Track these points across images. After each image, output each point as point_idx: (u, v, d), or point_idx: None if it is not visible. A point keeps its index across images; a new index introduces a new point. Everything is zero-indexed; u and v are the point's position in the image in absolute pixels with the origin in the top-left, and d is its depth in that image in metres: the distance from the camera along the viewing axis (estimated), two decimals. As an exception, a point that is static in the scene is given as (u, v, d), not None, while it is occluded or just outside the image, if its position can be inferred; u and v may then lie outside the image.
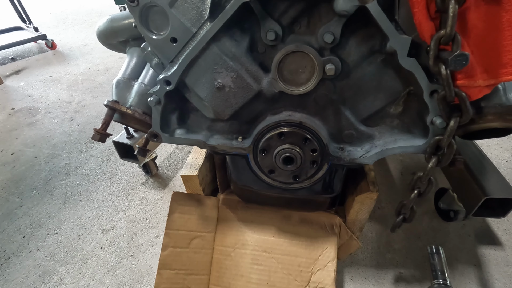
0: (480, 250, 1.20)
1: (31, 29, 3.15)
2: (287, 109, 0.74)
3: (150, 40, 0.67)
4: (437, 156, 0.67)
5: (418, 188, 0.74)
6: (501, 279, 1.10)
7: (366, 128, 0.74)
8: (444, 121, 0.62)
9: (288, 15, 0.64)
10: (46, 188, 1.56)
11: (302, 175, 0.78)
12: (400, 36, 0.57)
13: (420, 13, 0.55)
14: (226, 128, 0.79)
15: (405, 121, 0.72)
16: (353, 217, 1.01)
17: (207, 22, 0.63)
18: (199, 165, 1.03)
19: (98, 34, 0.90)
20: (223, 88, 0.70)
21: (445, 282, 0.73)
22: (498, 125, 0.67)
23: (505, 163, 1.61)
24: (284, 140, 0.73)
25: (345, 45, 0.65)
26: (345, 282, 1.12)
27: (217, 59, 0.67)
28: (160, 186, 1.56)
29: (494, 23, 0.54)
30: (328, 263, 0.95)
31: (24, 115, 2.16)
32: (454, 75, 0.58)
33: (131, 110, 0.79)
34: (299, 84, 0.68)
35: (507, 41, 0.55)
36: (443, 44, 0.55)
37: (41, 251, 1.27)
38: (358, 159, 0.73)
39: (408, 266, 1.15)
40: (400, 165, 1.62)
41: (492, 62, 0.57)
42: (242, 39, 0.67)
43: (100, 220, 1.39)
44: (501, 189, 1.03)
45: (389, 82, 0.67)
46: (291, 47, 0.63)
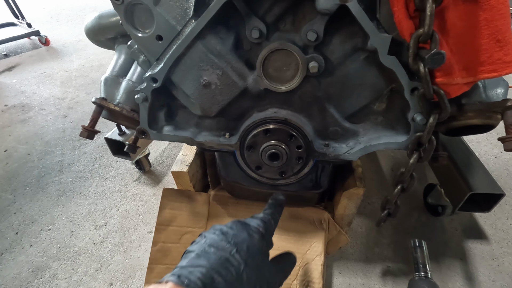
0: (467, 244, 1.23)
1: (24, 25, 3.12)
2: (273, 106, 0.75)
3: (136, 38, 0.68)
4: (418, 152, 0.68)
5: (402, 183, 0.75)
6: (485, 272, 1.13)
7: (351, 124, 0.75)
8: (424, 117, 0.63)
9: (272, 13, 0.64)
10: (39, 185, 1.56)
11: (288, 171, 0.79)
12: (380, 35, 0.58)
13: (399, 11, 0.56)
14: (214, 125, 0.80)
15: (388, 118, 0.74)
16: (341, 212, 1.03)
17: (192, 20, 0.64)
18: (189, 162, 1.04)
19: (86, 31, 0.90)
20: (209, 85, 0.71)
21: (426, 275, 0.75)
22: (478, 121, 0.69)
23: (494, 159, 1.63)
24: (270, 137, 0.74)
25: (329, 43, 0.66)
26: (334, 275, 1.14)
27: (203, 57, 0.68)
28: (153, 183, 1.57)
29: (472, 22, 0.55)
30: (316, 257, 0.97)
31: (17, 112, 2.16)
32: (433, 73, 0.60)
33: (119, 107, 0.80)
34: (284, 82, 0.69)
35: (484, 40, 0.56)
36: (422, 42, 0.56)
37: (34, 247, 1.28)
38: (343, 155, 0.75)
39: (396, 260, 1.18)
40: (391, 161, 1.64)
41: (470, 60, 0.58)
42: (227, 37, 0.67)
43: (93, 217, 1.40)
44: (486, 184, 1.05)
45: (372, 79, 0.68)
46: (274, 45, 0.64)
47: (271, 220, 0.63)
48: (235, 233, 0.54)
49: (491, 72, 0.57)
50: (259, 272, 0.52)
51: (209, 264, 0.46)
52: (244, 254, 0.51)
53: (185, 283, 0.42)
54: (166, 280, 0.44)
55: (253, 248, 0.53)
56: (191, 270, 0.45)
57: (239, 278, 0.48)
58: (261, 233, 0.58)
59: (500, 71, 0.57)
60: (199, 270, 0.45)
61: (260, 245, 0.55)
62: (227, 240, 0.52)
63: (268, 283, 0.53)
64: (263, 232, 0.58)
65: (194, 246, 0.53)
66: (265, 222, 0.61)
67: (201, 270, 0.45)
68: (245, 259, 0.50)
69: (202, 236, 0.55)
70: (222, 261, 0.48)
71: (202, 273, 0.45)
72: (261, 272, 0.52)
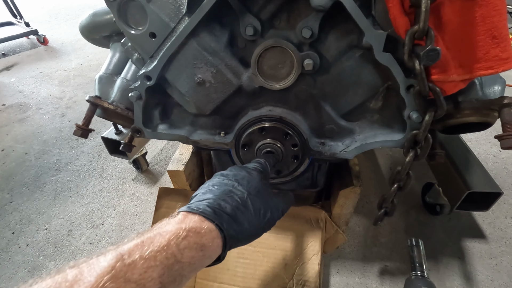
0: (465, 243, 1.22)
1: (22, 24, 3.11)
2: (268, 104, 0.74)
3: (129, 35, 0.67)
4: (414, 150, 0.68)
5: (398, 182, 0.75)
6: (484, 271, 1.12)
7: (347, 123, 0.75)
8: (420, 115, 0.63)
9: (267, 10, 0.63)
10: (36, 184, 1.56)
11: (284, 170, 0.79)
12: (375, 31, 0.57)
13: (394, 8, 0.55)
14: (209, 123, 0.80)
15: (385, 115, 0.73)
16: (338, 211, 1.02)
17: (185, 17, 0.63)
18: (186, 161, 1.03)
19: (81, 29, 0.90)
20: (203, 83, 0.71)
21: (422, 274, 0.75)
22: (475, 119, 0.68)
23: (493, 157, 1.63)
24: (265, 135, 0.73)
25: (324, 40, 0.65)
26: (331, 275, 1.13)
27: (197, 54, 0.67)
28: (150, 182, 1.56)
29: (468, 18, 0.55)
30: (313, 257, 0.96)
31: (15, 111, 2.15)
32: (429, 70, 0.59)
33: (113, 105, 0.79)
34: (279, 79, 0.68)
35: (480, 36, 0.55)
36: (417, 39, 0.55)
37: (31, 246, 1.27)
38: (339, 154, 0.74)
39: (393, 259, 1.17)
40: (389, 160, 1.64)
41: (466, 57, 0.58)
42: (222, 34, 0.67)
43: (90, 216, 1.39)
44: (483, 183, 1.04)
45: (368, 77, 0.67)
46: (269, 42, 0.63)
47: (265, 163, 0.66)
48: (235, 172, 0.57)
49: (488, 69, 0.57)
50: (262, 200, 0.55)
51: (214, 196, 0.50)
52: (246, 185, 0.54)
53: (195, 210, 0.45)
54: (177, 212, 0.46)
55: (253, 181, 0.56)
56: (199, 202, 0.48)
57: (244, 204, 0.51)
58: (259, 170, 0.61)
59: (496, 68, 0.56)
60: (206, 201, 0.49)
61: (260, 179, 0.58)
62: (228, 178, 0.55)
63: (271, 209, 0.56)
64: (260, 169, 0.62)
65: (198, 191, 0.55)
66: (261, 163, 0.64)
67: (208, 200, 0.49)
68: (248, 189, 0.54)
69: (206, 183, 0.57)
70: (226, 192, 0.51)
71: (209, 202, 0.48)
72: (264, 200, 0.55)
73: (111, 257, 0.34)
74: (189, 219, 0.44)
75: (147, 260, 0.36)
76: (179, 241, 0.40)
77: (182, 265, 0.39)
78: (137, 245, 0.37)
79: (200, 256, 0.42)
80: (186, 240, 0.41)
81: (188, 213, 0.45)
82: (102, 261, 0.34)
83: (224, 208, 0.48)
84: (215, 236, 0.45)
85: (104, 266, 0.33)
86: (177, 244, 0.39)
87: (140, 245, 0.37)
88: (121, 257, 0.35)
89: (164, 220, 0.45)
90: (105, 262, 0.34)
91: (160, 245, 0.38)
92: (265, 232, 0.55)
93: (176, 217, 0.45)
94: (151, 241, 0.38)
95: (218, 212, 0.47)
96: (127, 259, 0.35)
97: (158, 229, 0.41)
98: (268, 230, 0.56)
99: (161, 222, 0.45)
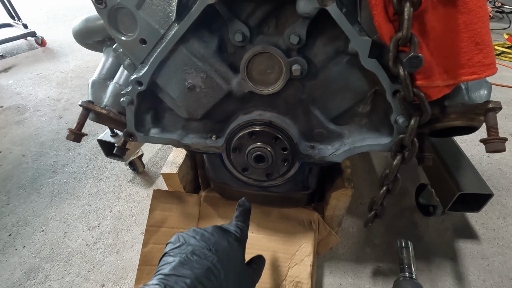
0: (458, 244, 1.23)
1: (20, 25, 3.13)
2: (258, 108, 0.75)
3: (120, 41, 0.68)
4: (402, 153, 0.69)
5: (387, 184, 0.76)
6: (475, 272, 1.13)
7: (336, 126, 0.76)
8: (406, 120, 0.64)
9: (255, 17, 0.64)
10: (33, 186, 1.57)
11: (274, 173, 0.80)
12: (360, 38, 0.58)
13: (379, 15, 0.56)
14: (200, 127, 0.81)
15: (373, 120, 0.74)
16: (330, 213, 1.03)
17: (175, 23, 0.64)
18: (180, 163, 1.04)
19: (74, 34, 0.90)
20: (193, 88, 0.72)
21: (410, 276, 0.76)
22: (461, 123, 0.69)
23: (487, 158, 1.63)
24: (255, 139, 0.74)
25: (312, 46, 0.66)
26: (324, 276, 1.14)
27: (186, 60, 0.68)
28: (146, 184, 1.57)
29: (451, 25, 0.56)
30: (305, 258, 0.97)
31: (12, 113, 2.16)
32: (413, 76, 0.60)
33: (106, 110, 0.80)
34: (268, 84, 0.69)
35: (464, 43, 0.56)
36: (401, 45, 0.56)
37: (27, 248, 1.28)
38: (328, 157, 0.75)
39: (386, 260, 1.18)
40: (384, 161, 1.65)
41: (450, 63, 0.59)
42: (211, 40, 0.68)
43: (86, 218, 1.40)
44: (475, 184, 1.05)
45: (356, 82, 0.68)
46: (257, 48, 0.64)
47: (245, 227, 0.67)
48: (216, 240, 0.57)
49: (471, 74, 0.58)
50: (237, 279, 0.55)
51: (193, 274, 0.49)
52: (225, 262, 0.54)
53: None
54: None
55: (232, 256, 0.56)
56: (175, 280, 0.48)
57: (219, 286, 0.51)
58: (240, 240, 0.62)
59: (479, 73, 0.57)
60: (183, 280, 0.48)
61: (238, 252, 0.59)
62: (208, 247, 0.55)
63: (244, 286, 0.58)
64: (241, 239, 0.62)
65: (174, 251, 0.54)
66: (241, 229, 0.65)
67: (186, 280, 0.48)
68: (225, 268, 0.53)
69: (180, 239, 0.56)
70: (204, 271, 0.51)
71: (187, 284, 0.47)
72: (238, 279, 0.56)
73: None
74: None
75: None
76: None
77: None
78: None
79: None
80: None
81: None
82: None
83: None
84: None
85: None
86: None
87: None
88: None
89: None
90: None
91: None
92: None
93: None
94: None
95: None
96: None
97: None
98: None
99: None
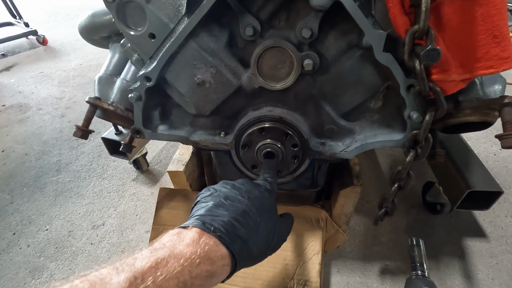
0: (465, 242, 1.22)
1: (22, 24, 3.11)
2: (268, 104, 0.74)
3: (129, 36, 0.67)
4: (415, 150, 0.68)
5: (399, 181, 0.75)
6: (484, 270, 1.12)
7: (347, 122, 0.75)
8: (420, 115, 0.63)
9: (266, 10, 0.63)
10: (36, 185, 1.56)
11: (284, 170, 0.78)
12: (375, 31, 0.57)
13: (394, 7, 0.55)
14: (209, 123, 0.80)
15: (385, 115, 0.73)
16: (338, 211, 1.02)
17: (185, 17, 0.63)
18: (186, 161, 1.03)
19: (80, 30, 0.89)
20: (203, 83, 0.70)
21: (423, 274, 0.75)
22: (475, 119, 0.68)
23: (493, 156, 1.62)
24: (265, 136, 0.73)
25: (324, 40, 0.65)
26: (332, 274, 1.13)
27: (196, 55, 0.67)
28: (151, 182, 1.56)
29: (468, 18, 0.54)
30: (313, 257, 0.96)
31: (15, 112, 2.15)
32: (429, 70, 0.59)
33: (113, 106, 0.79)
34: (279, 79, 0.68)
35: (481, 36, 0.55)
36: (417, 38, 0.55)
37: (31, 247, 1.27)
38: (339, 154, 0.74)
39: (394, 259, 1.17)
40: (389, 159, 1.64)
41: (467, 57, 0.57)
42: (221, 35, 0.67)
43: (91, 216, 1.40)
44: (484, 182, 1.04)
45: (368, 76, 0.67)
46: (268, 42, 0.63)
47: (274, 181, 0.65)
48: (248, 189, 0.56)
49: (488, 68, 0.57)
50: (272, 225, 0.54)
51: (229, 213, 0.48)
52: (259, 208, 0.53)
53: (211, 229, 0.44)
54: (191, 226, 0.45)
55: (265, 204, 0.55)
56: (213, 218, 0.47)
57: (256, 229, 0.50)
58: (270, 191, 0.60)
59: (497, 67, 0.56)
60: (220, 218, 0.47)
61: (271, 201, 0.58)
62: (241, 194, 0.53)
63: (278, 235, 0.56)
64: (271, 190, 0.61)
65: (207, 198, 0.53)
66: (270, 182, 0.63)
67: (223, 218, 0.47)
68: (260, 213, 0.52)
69: (211, 189, 0.56)
70: (240, 212, 0.50)
71: (223, 221, 0.47)
72: (273, 226, 0.55)
73: (124, 279, 0.33)
74: (204, 241, 0.42)
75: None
76: (192, 268, 0.39)
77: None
78: (151, 268, 0.36)
79: (208, 283, 0.42)
80: (199, 267, 0.40)
81: (203, 232, 0.44)
82: (115, 281, 0.33)
83: (238, 231, 0.47)
84: (225, 264, 0.44)
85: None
86: (190, 272, 0.39)
87: (154, 267, 0.36)
88: (134, 280, 0.34)
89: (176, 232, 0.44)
90: (118, 285, 0.33)
91: (174, 271, 0.37)
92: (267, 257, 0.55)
93: (190, 234, 0.43)
94: (166, 264, 0.37)
95: (232, 236, 0.46)
96: (140, 284, 0.34)
97: (171, 248, 0.40)
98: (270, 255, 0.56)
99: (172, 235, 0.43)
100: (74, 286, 0.32)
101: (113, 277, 0.34)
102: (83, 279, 0.33)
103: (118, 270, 0.35)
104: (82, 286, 0.32)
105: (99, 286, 0.32)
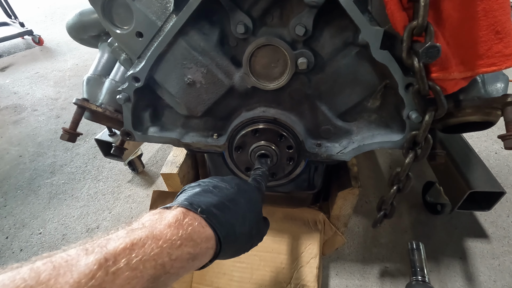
0: (467, 243, 1.20)
1: (17, 24, 3.08)
2: (262, 105, 0.71)
3: (115, 35, 0.64)
4: (414, 151, 0.65)
5: (398, 183, 0.72)
6: (486, 272, 1.10)
7: (344, 123, 0.72)
8: (420, 115, 0.60)
9: (258, 7, 0.61)
10: (30, 187, 1.53)
11: (279, 172, 0.76)
12: (371, 28, 0.55)
13: (392, 2, 0.52)
14: (201, 125, 0.77)
15: (383, 115, 0.70)
16: (336, 213, 1.00)
17: (173, 15, 0.60)
18: (180, 163, 1.01)
19: (68, 29, 0.87)
20: (194, 84, 0.68)
21: (423, 279, 0.73)
22: (477, 118, 0.66)
23: (495, 155, 1.60)
24: (259, 137, 0.71)
25: (318, 37, 0.63)
26: (330, 277, 1.11)
27: (186, 54, 0.64)
28: (146, 184, 1.54)
29: (469, 13, 0.52)
30: (311, 260, 0.94)
31: (10, 113, 2.12)
32: (428, 68, 0.56)
33: (102, 108, 0.77)
34: (272, 79, 0.66)
35: (483, 31, 0.53)
36: (416, 35, 0.53)
37: (25, 251, 1.25)
38: (336, 155, 0.72)
39: (394, 260, 1.15)
40: (389, 159, 1.61)
41: (468, 54, 0.55)
42: (211, 33, 0.64)
43: (85, 219, 1.37)
44: (485, 182, 1.01)
45: (365, 75, 0.64)
46: (261, 40, 0.61)
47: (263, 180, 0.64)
48: (237, 182, 0.54)
49: (490, 66, 0.54)
50: (256, 220, 0.53)
51: (218, 198, 0.46)
52: (246, 200, 0.51)
53: (198, 210, 0.41)
54: (176, 205, 0.42)
55: (253, 199, 0.54)
56: (201, 200, 0.44)
57: (243, 218, 0.48)
58: (258, 189, 0.59)
59: (499, 65, 0.54)
60: (209, 201, 0.45)
61: (258, 199, 0.56)
62: (230, 186, 0.52)
63: (259, 233, 0.55)
64: (259, 188, 0.60)
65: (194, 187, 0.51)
66: (259, 182, 0.62)
67: (212, 201, 0.45)
68: (248, 205, 0.51)
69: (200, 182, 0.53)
70: (230, 198, 0.48)
71: (212, 203, 0.44)
72: (257, 221, 0.53)
73: (93, 261, 0.30)
74: (187, 222, 0.39)
75: (133, 271, 0.31)
76: (172, 250, 0.36)
77: (169, 276, 0.36)
78: (125, 249, 0.32)
79: (189, 266, 0.39)
80: (180, 249, 0.37)
81: (188, 211, 0.41)
82: (83, 263, 0.29)
83: (227, 215, 0.44)
84: (209, 247, 0.41)
85: (84, 273, 0.29)
86: (169, 254, 0.35)
87: (129, 248, 0.33)
88: (105, 262, 0.30)
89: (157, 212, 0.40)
90: (86, 267, 0.29)
91: (151, 252, 0.34)
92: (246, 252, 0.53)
93: (173, 213, 0.40)
94: (142, 245, 0.34)
95: (220, 218, 0.43)
96: (111, 266, 0.30)
97: (150, 228, 0.36)
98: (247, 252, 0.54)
99: (154, 214, 0.40)
100: (35, 268, 0.28)
101: (81, 258, 0.30)
102: (47, 260, 0.29)
103: (88, 251, 0.31)
104: (44, 269, 0.28)
105: (63, 269, 0.28)
